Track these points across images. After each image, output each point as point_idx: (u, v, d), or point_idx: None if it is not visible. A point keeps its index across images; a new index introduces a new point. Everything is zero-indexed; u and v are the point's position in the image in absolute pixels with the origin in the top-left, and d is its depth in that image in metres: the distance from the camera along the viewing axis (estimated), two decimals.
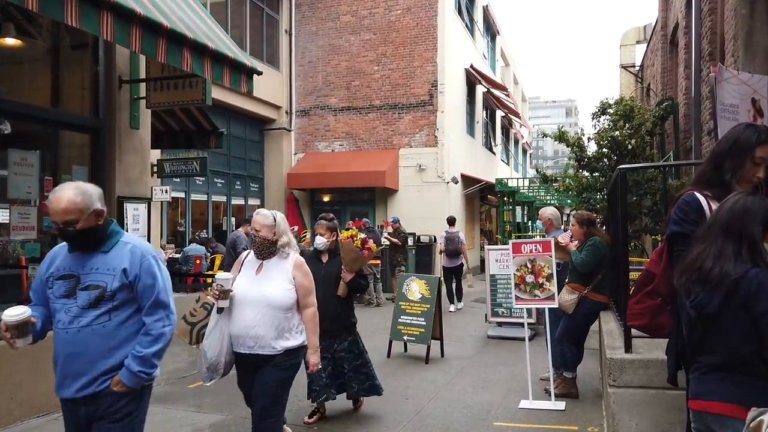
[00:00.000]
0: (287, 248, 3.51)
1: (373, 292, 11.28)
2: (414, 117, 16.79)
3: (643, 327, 2.54)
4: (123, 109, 4.97)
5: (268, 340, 3.37)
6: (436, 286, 6.90)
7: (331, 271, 4.49)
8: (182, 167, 11.96)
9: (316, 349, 3.58)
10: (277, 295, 3.38)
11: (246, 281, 3.47)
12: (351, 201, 17.71)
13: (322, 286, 4.17)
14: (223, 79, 4.17)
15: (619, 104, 7.54)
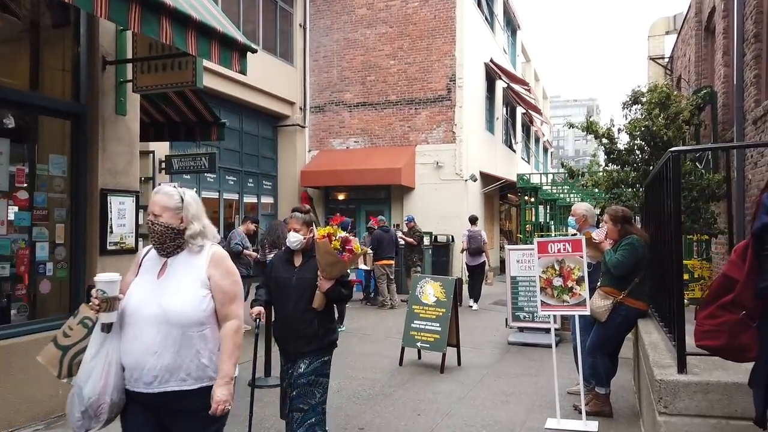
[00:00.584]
0: (200, 239, 2.54)
1: (387, 293, 10.76)
2: (431, 112, 16.23)
3: (719, 348, 1.99)
4: (107, 93, 4.52)
5: (179, 372, 2.37)
6: (452, 289, 6.35)
7: (305, 277, 3.49)
8: (190, 163, 11.56)
9: (229, 379, 2.46)
10: (185, 305, 2.39)
11: (143, 288, 2.47)
12: (366, 199, 17.22)
13: (293, 295, 3.48)
14: (211, 55, 3.71)
15: (653, 91, 6.91)
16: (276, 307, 3.64)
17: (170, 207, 2.57)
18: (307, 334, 3.46)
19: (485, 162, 17.90)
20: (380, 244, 10.77)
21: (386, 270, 10.79)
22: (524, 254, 8.20)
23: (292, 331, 3.49)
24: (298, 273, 3.54)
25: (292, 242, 3.56)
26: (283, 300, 3.53)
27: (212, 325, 2.46)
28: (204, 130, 6.86)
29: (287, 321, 3.52)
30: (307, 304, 3.44)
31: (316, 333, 3.47)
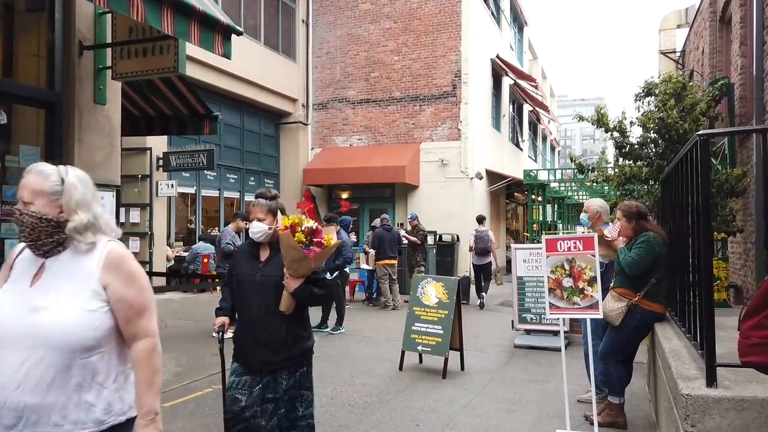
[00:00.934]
0: (89, 234, 1.87)
1: (389, 293, 10.44)
2: (436, 109, 15.90)
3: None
4: (85, 80, 4.23)
5: (51, 413, 1.75)
6: (455, 290, 6.02)
7: (271, 275, 2.97)
8: (188, 160, 11.32)
9: (153, 416, 1.89)
10: (67, 322, 1.77)
11: (9, 299, 1.84)
12: (370, 198, 16.91)
13: (257, 296, 2.99)
14: (190, 36, 3.41)
15: (667, 82, 6.55)
16: (238, 310, 3.17)
17: (44, 191, 1.84)
18: (272, 342, 2.96)
19: (491, 160, 17.54)
20: (382, 243, 10.45)
21: (388, 270, 10.47)
22: (531, 253, 7.87)
23: (254, 338, 2.98)
24: (263, 269, 3.01)
25: (255, 233, 3.03)
26: (246, 301, 3.06)
27: (108, 349, 1.85)
28: (196, 124, 6.57)
29: (249, 327, 3.02)
30: (273, 306, 2.95)
31: (283, 341, 2.96)
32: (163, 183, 11.38)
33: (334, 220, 8.23)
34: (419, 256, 11.20)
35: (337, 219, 8.27)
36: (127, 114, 6.79)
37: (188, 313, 9.48)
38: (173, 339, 7.35)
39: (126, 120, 6.86)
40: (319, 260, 2.99)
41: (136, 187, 11.36)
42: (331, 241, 3.02)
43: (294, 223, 2.92)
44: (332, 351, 6.92)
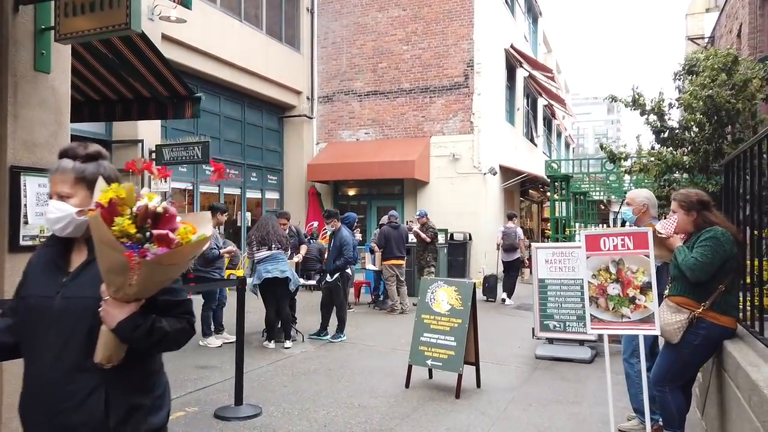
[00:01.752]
0: None
1: (396, 296, 9.64)
2: (447, 101, 15.07)
3: None
4: (21, 42, 3.48)
5: None
6: (470, 295, 5.21)
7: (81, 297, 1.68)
8: (182, 153, 10.56)
9: None
10: None
11: None
12: (378, 195, 16.13)
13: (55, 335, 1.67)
14: None
15: (714, 56, 5.69)
16: (24, 359, 1.76)
17: None
18: (79, 422, 1.63)
19: (505, 155, 16.68)
20: (389, 241, 9.66)
21: (396, 271, 9.68)
22: (554, 253, 7.04)
23: (47, 412, 1.66)
24: (69, 287, 1.69)
25: (52, 221, 1.73)
26: (35, 346, 1.70)
27: None
28: (177, 107, 5.82)
29: (40, 391, 1.68)
30: (84, 354, 1.64)
31: (101, 420, 1.63)
32: None
33: (335, 215, 7.46)
34: (429, 256, 10.39)
35: (337, 214, 7.51)
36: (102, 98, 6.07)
37: None
38: None
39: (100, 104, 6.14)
40: (164, 269, 1.61)
41: (127, 181, 10.62)
42: (188, 237, 1.59)
43: (117, 197, 1.56)
44: (330, 363, 6.14)
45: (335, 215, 7.45)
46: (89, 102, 6.04)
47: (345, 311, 7.35)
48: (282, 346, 6.71)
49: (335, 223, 7.43)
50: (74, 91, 5.42)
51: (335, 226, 7.44)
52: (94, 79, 5.64)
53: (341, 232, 7.40)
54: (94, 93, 5.88)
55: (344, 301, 7.37)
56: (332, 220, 7.43)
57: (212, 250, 6.69)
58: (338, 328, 7.31)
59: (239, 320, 4.55)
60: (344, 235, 7.38)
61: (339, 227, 7.47)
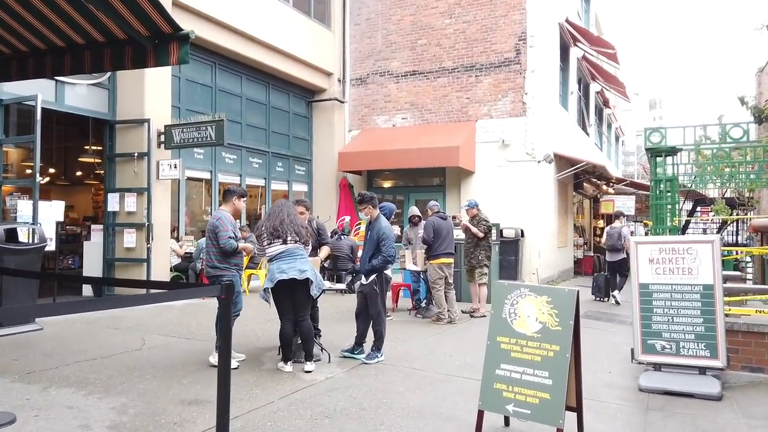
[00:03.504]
0: None
1: (444, 303, 8.00)
2: (496, 80, 13.34)
3: None
4: None
5: None
6: (571, 308, 3.54)
7: None
8: (194, 135, 9.24)
9: None
10: None
11: None
12: (416, 187, 14.51)
13: None
14: None
15: None
16: None
17: None
18: None
19: (559, 142, 14.83)
20: (438, 235, 8.02)
21: (445, 271, 8.04)
22: (661, 250, 5.31)
23: None
24: None
25: None
26: None
27: None
28: (160, 50, 4.33)
29: None
30: None
31: None
32: (164, 163, 9.30)
33: (369, 200, 5.86)
34: (481, 254, 8.71)
35: (374, 199, 5.91)
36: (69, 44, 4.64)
37: (183, 326, 7.32)
38: (139, 369, 5.14)
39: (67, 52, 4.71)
40: None
41: (132, 167, 9.30)
42: None
43: None
44: (365, 397, 4.54)
45: (370, 200, 5.86)
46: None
47: (383, 324, 5.75)
48: (302, 368, 5.16)
49: (371, 211, 5.84)
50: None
51: (371, 214, 5.86)
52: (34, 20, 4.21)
53: (379, 223, 5.82)
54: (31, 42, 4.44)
55: (383, 311, 5.77)
56: (367, 206, 5.85)
57: (230, 239, 5.22)
58: (374, 346, 5.72)
59: (224, 339, 3.02)
60: (383, 226, 5.79)
61: (377, 216, 5.87)
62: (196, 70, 11.00)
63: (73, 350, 5.84)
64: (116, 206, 9.36)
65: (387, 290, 5.87)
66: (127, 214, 9.28)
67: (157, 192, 9.27)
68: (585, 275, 17.39)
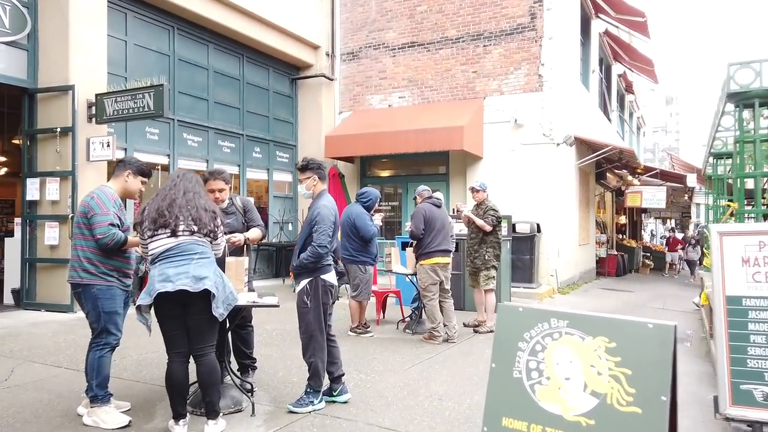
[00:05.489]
0: None
1: (438, 315, 6.14)
2: (507, 50, 11.43)
3: None
4: None
5: None
6: (661, 365, 1.67)
7: None
8: (129, 105, 7.48)
9: None
10: None
11: None
12: (417, 176, 12.62)
13: None
14: None
15: None
16: None
17: None
18: None
19: (580, 124, 12.88)
20: (430, 227, 6.17)
21: (439, 274, 6.18)
22: (762, 246, 3.43)
23: None
24: None
25: None
26: None
27: None
28: None
29: None
30: None
31: None
32: (96, 141, 7.52)
33: (313, 167, 4.01)
34: (488, 253, 6.82)
35: (321, 168, 4.06)
36: None
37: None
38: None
39: None
40: None
41: (53, 146, 7.54)
42: None
43: None
44: None
45: (316, 168, 4.01)
46: None
47: (319, 352, 3.87)
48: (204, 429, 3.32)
49: (314, 184, 4.00)
50: None
51: (313, 188, 4.02)
52: None
53: (319, 200, 3.99)
54: None
55: (319, 334, 3.90)
56: (309, 175, 3.99)
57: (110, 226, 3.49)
58: (308, 385, 3.87)
59: None
60: (321, 204, 3.94)
61: (320, 192, 4.04)
62: (149, 33, 9.23)
63: None
64: (36, 194, 7.61)
65: (329, 302, 4.00)
66: (51, 204, 7.52)
67: (85, 176, 7.49)
68: (609, 276, 15.43)
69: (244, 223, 4.25)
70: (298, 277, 3.96)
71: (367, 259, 6.37)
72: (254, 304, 3.75)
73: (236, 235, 4.03)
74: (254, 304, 3.75)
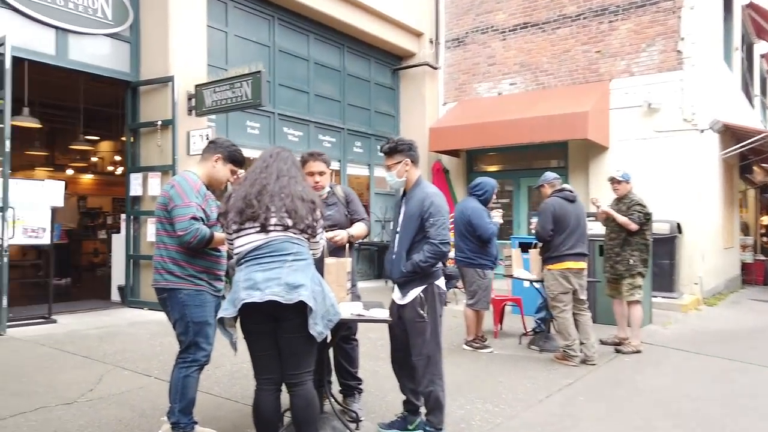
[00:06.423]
0: None
1: (573, 331, 5.11)
2: (638, 24, 10.00)
3: None
4: None
5: None
6: None
7: None
8: (228, 95, 7.10)
9: None
10: None
11: None
12: (529, 170, 11.47)
13: None
14: None
15: None
16: None
17: None
18: None
19: (725, 109, 11.07)
20: (561, 225, 5.16)
21: (572, 281, 5.15)
22: None
23: None
24: None
25: None
26: None
27: None
28: None
29: None
30: None
31: None
32: (195, 134, 7.23)
33: (403, 149, 3.21)
34: (634, 256, 5.64)
35: (411, 148, 3.22)
36: None
37: None
38: None
39: None
40: None
41: (154, 140, 7.34)
42: None
43: None
44: None
45: (407, 149, 3.22)
46: None
47: (441, 380, 3.05)
48: None
49: (405, 169, 3.22)
50: None
51: (407, 175, 3.25)
52: None
53: (422, 189, 3.22)
54: None
55: (438, 355, 3.08)
56: (399, 158, 3.21)
57: (192, 221, 2.93)
58: (428, 420, 3.05)
59: None
60: (429, 193, 3.17)
61: (417, 179, 3.26)
62: (249, 24, 8.91)
63: None
64: (139, 190, 7.45)
65: (441, 313, 3.18)
66: (152, 200, 7.33)
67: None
68: (756, 285, 13.29)
69: (347, 215, 3.54)
70: (407, 286, 3.16)
71: (486, 261, 5.46)
72: (360, 318, 2.99)
73: (338, 233, 3.31)
74: (360, 318, 2.99)
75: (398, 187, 3.37)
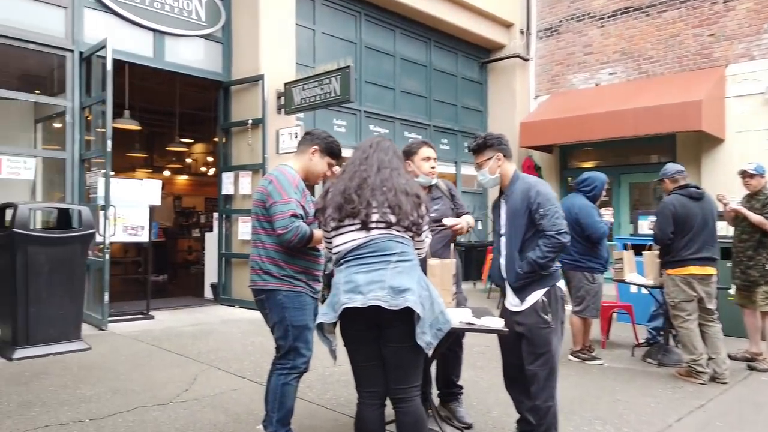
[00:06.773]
0: None
1: (698, 344, 4.50)
2: (759, 2, 8.97)
3: None
4: None
5: None
6: None
7: None
8: (317, 92, 7.00)
9: None
10: None
11: None
12: (629, 166, 10.64)
13: None
14: None
15: None
16: None
17: None
18: None
19: None
20: (684, 227, 4.58)
21: (696, 288, 4.55)
22: None
23: None
24: None
25: None
26: None
27: None
28: None
29: None
30: None
31: None
32: (285, 132, 7.20)
33: (492, 143, 2.88)
34: None
35: (501, 142, 2.86)
36: None
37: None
38: None
39: None
40: None
41: (245, 139, 7.38)
42: None
43: None
44: None
45: (497, 144, 2.90)
46: None
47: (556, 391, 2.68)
48: None
49: (498, 164, 2.90)
50: None
51: (502, 171, 2.95)
52: None
53: (524, 182, 2.92)
54: None
55: (557, 365, 2.71)
56: (490, 154, 2.91)
57: (292, 218, 2.74)
58: (541, 416, 2.68)
59: None
60: (532, 183, 2.88)
61: (513, 174, 2.96)
62: (336, 21, 8.82)
63: (77, 395, 3.79)
64: (230, 188, 7.53)
65: (563, 318, 2.82)
66: (243, 198, 7.37)
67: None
68: None
69: (452, 209, 3.25)
70: (525, 290, 2.81)
71: (596, 265, 4.95)
72: (470, 328, 2.66)
73: (457, 221, 3.05)
74: (470, 328, 2.66)
75: (492, 186, 3.02)
